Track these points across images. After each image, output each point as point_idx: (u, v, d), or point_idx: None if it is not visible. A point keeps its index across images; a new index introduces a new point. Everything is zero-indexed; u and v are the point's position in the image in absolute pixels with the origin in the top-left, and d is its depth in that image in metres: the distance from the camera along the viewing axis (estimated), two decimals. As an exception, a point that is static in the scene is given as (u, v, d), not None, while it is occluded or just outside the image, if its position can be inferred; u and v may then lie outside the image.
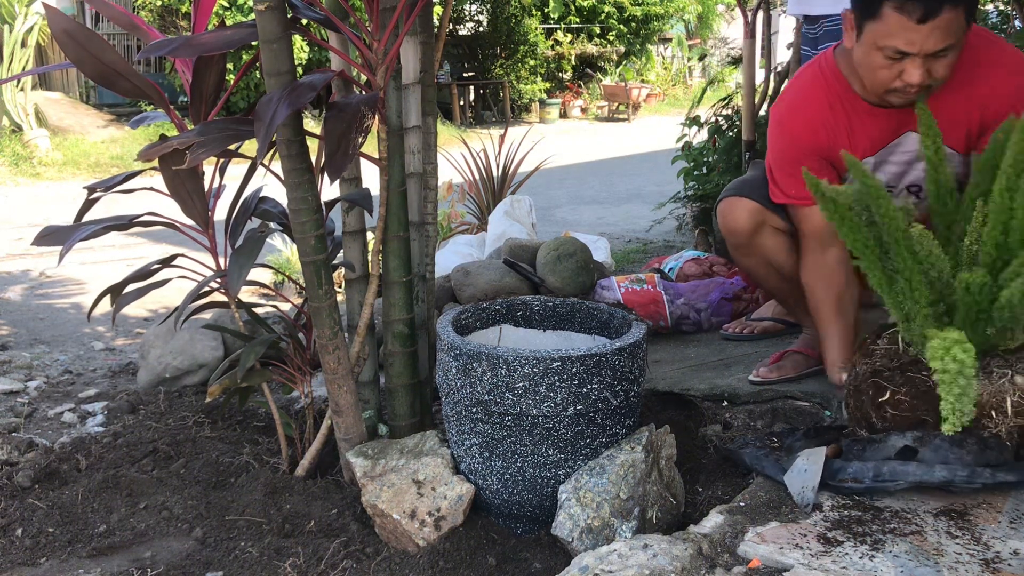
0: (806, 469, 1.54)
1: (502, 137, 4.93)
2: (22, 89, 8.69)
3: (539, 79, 13.99)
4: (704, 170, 4.49)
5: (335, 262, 1.91)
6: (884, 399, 1.55)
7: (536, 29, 13.98)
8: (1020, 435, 1.49)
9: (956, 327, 1.44)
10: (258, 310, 2.04)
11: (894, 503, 1.48)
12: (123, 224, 1.82)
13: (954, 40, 1.61)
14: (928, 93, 1.69)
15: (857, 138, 1.84)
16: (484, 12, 14.32)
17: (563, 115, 14.47)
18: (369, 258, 1.91)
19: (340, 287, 2.71)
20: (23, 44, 8.55)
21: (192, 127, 1.67)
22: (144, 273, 1.88)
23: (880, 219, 1.53)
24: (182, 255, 1.89)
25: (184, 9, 10.50)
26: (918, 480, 1.47)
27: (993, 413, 1.49)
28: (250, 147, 1.48)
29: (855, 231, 1.56)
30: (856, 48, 1.71)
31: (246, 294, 3.92)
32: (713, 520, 1.47)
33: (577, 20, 14.91)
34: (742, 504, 1.52)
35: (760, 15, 3.56)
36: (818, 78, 1.87)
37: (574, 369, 1.55)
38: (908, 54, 1.62)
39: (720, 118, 4.52)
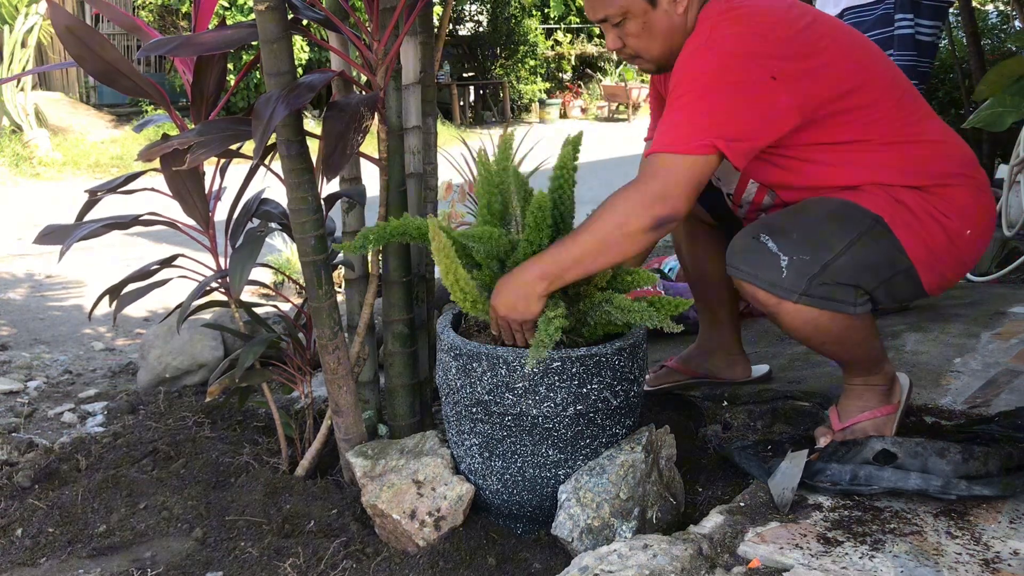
0: (787, 472, 1.54)
1: (502, 137, 4.92)
2: (22, 89, 8.69)
3: (539, 79, 13.99)
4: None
5: (335, 262, 1.91)
6: None
7: (536, 29, 13.98)
8: None
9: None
10: (258, 310, 2.04)
11: (894, 503, 1.48)
12: (124, 223, 1.82)
13: (615, 12, 1.60)
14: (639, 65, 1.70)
15: None
16: (484, 12, 14.32)
17: (563, 115, 14.45)
18: (369, 258, 1.91)
19: (340, 287, 2.71)
20: (23, 44, 8.55)
21: (193, 127, 1.67)
22: (144, 273, 1.88)
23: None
24: (182, 255, 1.89)
25: (184, 9, 10.51)
26: (892, 486, 1.47)
27: None
28: (251, 147, 1.48)
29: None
30: None
31: (246, 294, 3.91)
32: (713, 520, 1.47)
33: (577, 20, 14.91)
34: (742, 504, 1.52)
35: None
36: None
37: (574, 369, 1.55)
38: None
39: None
